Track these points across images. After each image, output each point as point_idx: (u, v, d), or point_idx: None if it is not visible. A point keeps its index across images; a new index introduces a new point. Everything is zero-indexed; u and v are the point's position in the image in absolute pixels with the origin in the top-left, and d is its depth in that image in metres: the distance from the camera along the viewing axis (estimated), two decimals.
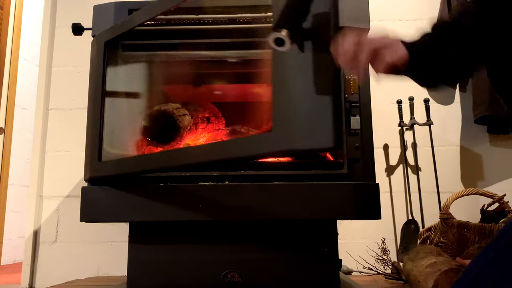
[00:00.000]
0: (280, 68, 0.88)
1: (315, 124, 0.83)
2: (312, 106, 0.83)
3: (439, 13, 1.85)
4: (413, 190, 1.74)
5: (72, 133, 1.82)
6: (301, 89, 0.85)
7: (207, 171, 1.17)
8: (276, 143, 0.86)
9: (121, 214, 1.14)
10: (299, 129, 0.84)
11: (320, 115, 0.82)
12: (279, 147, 0.85)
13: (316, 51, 0.85)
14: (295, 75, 0.86)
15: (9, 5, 2.84)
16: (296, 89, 0.85)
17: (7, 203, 2.83)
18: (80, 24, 1.37)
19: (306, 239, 1.20)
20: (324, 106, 0.83)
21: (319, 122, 0.82)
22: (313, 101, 0.83)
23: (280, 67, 0.88)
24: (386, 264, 1.57)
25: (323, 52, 0.84)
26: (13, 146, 2.88)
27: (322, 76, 0.84)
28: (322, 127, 0.82)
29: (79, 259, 1.75)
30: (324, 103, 0.83)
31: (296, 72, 0.86)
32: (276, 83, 0.88)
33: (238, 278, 1.18)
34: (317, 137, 0.82)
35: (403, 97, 1.77)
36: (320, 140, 0.82)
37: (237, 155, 0.94)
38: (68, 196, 1.79)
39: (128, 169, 1.13)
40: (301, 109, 0.84)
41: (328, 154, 1.31)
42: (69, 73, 1.89)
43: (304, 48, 0.85)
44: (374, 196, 1.13)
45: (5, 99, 2.80)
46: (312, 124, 0.83)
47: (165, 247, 1.21)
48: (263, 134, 0.90)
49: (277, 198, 1.11)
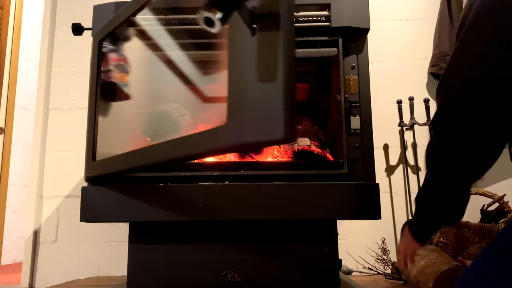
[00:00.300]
0: (234, 57, 0.82)
1: (265, 115, 0.75)
2: (262, 96, 0.76)
3: (439, 13, 1.85)
4: (413, 190, 1.74)
5: (72, 133, 1.82)
6: (252, 78, 0.78)
7: (207, 171, 1.17)
8: (229, 137, 0.80)
9: (121, 214, 1.14)
10: (250, 121, 0.77)
11: (270, 105, 0.75)
12: (232, 141, 0.80)
13: (267, 36, 0.77)
14: (247, 63, 0.79)
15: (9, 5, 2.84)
16: (247, 78, 0.79)
17: (7, 203, 2.83)
18: (80, 24, 1.37)
19: (306, 239, 1.20)
20: (274, 96, 0.75)
21: (269, 113, 0.75)
22: (263, 91, 0.76)
23: (234, 55, 0.82)
24: (386, 264, 1.57)
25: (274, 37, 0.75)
26: (13, 146, 2.88)
27: (272, 63, 0.76)
28: (272, 118, 0.75)
29: (79, 259, 1.75)
30: (275, 92, 0.75)
31: (248, 61, 0.79)
32: (231, 72, 0.82)
33: (238, 278, 1.18)
34: (267, 129, 0.75)
35: (403, 97, 1.77)
36: (270, 132, 0.75)
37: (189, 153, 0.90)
38: (68, 196, 1.79)
39: (113, 169, 1.12)
40: (252, 100, 0.78)
41: (328, 154, 1.31)
42: (69, 73, 1.89)
43: (256, 33, 0.78)
44: (374, 196, 1.13)
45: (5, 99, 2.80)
46: (263, 116, 0.76)
47: (165, 247, 1.21)
48: (217, 128, 0.83)
49: (277, 198, 1.11)
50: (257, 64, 0.78)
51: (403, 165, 1.80)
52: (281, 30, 0.76)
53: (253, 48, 0.79)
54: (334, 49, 1.24)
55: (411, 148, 1.80)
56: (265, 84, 0.76)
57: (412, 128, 1.78)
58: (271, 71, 0.76)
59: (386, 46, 1.87)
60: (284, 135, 0.73)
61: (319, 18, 1.24)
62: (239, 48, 0.82)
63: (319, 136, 1.39)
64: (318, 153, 1.29)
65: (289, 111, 0.74)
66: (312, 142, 1.33)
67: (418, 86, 1.85)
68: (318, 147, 1.32)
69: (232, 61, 0.83)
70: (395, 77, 1.86)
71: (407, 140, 1.80)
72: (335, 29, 1.22)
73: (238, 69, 0.81)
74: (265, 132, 0.75)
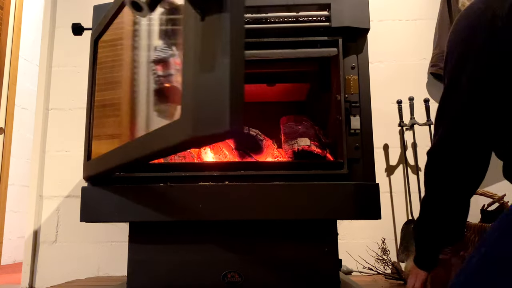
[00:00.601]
0: (185, 45, 0.78)
1: (211, 108, 0.72)
2: (209, 88, 0.72)
3: (439, 13, 1.85)
4: (413, 190, 1.74)
5: (72, 133, 1.82)
6: (200, 68, 0.74)
7: (207, 171, 1.17)
8: (182, 132, 0.77)
9: (121, 214, 1.14)
10: (198, 114, 0.73)
11: (216, 97, 0.71)
12: (184, 136, 0.76)
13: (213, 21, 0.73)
14: (196, 52, 0.75)
15: (9, 5, 2.84)
16: (196, 69, 0.75)
17: (7, 203, 2.83)
18: (80, 24, 1.37)
19: (306, 239, 1.20)
20: (219, 87, 0.71)
21: (215, 105, 0.71)
22: (210, 82, 0.72)
23: (186, 43, 0.78)
24: (386, 264, 1.57)
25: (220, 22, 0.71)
26: (13, 146, 2.88)
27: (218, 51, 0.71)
28: (217, 111, 0.71)
29: (79, 259, 1.75)
30: (220, 83, 0.71)
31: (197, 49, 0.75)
32: (184, 62, 0.79)
33: (238, 278, 1.18)
34: (213, 122, 0.71)
35: (403, 97, 1.77)
36: (216, 125, 0.71)
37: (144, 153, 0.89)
38: (68, 196, 1.79)
39: (100, 168, 1.12)
40: (200, 92, 0.74)
41: (328, 154, 1.31)
42: (69, 73, 1.89)
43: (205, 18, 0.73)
44: (374, 196, 1.13)
45: (5, 99, 2.80)
46: (209, 108, 0.72)
47: (165, 247, 1.21)
48: (172, 124, 0.81)
49: (277, 198, 1.11)
50: (203, 53, 0.73)
51: (403, 165, 1.80)
52: (227, 13, 0.71)
53: (202, 36, 0.74)
54: (334, 49, 1.24)
55: (411, 148, 1.80)
56: (211, 75, 0.72)
57: (412, 128, 1.77)
58: (217, 60, 0.71)
59: (386, 46, 1.87)
60: (229, 128, 0.69)
61: (319, 18, 1.24)
62: (189, 36, 0.77)
63: (319, 136, 1.39)
64: (318, 153, 1.29)
65: (235, 103, 0.70)
66: (312, 142, 1.33)
67: (418, 86, 1.84)
68: (318, 147, 1.32)
69: (184, 50, 0.78)
70: (395, 77, 1.86)
71: (407, 140, 1.80)
72: (335, 29, 1.23)
73: (188, 59, 0.77)
74: (211, 126, 0.71)
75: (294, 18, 1.25)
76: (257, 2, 1.26)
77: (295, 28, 1.25)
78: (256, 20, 1.25)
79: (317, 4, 1.25)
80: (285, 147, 1.36)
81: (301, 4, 1.25)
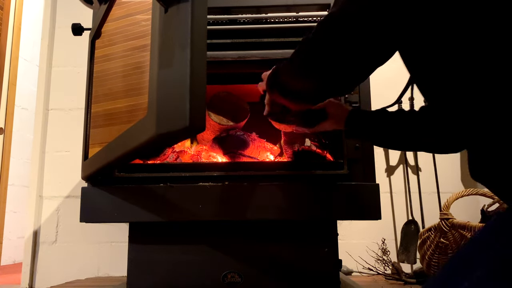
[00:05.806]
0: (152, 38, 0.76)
1: (174, 104, 0.69)
2: (171, 83, 0.70)
3: None
4: (413, 190, 1.74)
5: (72, 133, 1.82)
6: (163, 63, 0.72)
7: (207, 171, 1.17)
8: (148, 130, 0.76)
9: (121, 215, 1.14)
10: (161, 111, 0.72)
11: (177, 91, 0.69)
12: (149, 134, 0.75)
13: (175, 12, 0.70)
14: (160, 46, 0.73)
15: (9, 5, 2.84)
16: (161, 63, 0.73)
17: (7, 203, 2.83)
18: (80, 24, 1.37)
19: (306, 239, 1.20)
20: (180, 82, 0.68)
21: (177, 101, 0.69)
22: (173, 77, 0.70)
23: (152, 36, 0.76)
24: (386, 264, 1.57)
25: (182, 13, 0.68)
26: (13, 146, 2.88)
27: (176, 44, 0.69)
28: (178, 107, 0.68)
29: (79, 259, 1.75)
30: (180, 78, 0.68)
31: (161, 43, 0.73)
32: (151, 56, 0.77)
33: (238, 278, 1.18)
34: (175, 118, 0.69)
35: (403, 97, 1.77)
36: (177, 121, 0.68)
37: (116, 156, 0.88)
38: (68, 196, 1.79)
39: (92, 168, 1.12)
40: (163, 87, 0.72)
41: (328, 154, 1.31)
42: (69, 73, 1.88)
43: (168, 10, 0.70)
44: (374, 196, 1.13)
45: (5, 99, 2.80)
46: (172, 104, 0.70)
47: (165, 247, 1.21)
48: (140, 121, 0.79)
49: (277, 198, 1.11)
50: (165, 47, 0.71)
51: (403, 165, 1.80)
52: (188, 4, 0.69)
53: (164, 29, 0.72)
54: None
55: None
56: (172, 69, 0.70)
57: None
58: (177, 54, 0.69)
59: None
60: (189, 124, 0.67)
61: (319, 18, 1.24)
62: (154, 29, 0.75)
63: (319, 136, 1.39)
64: (318, 153, 1.29)
65: (196, 98, 0.68)
66: (312, 142, 1.33)
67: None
68: (318, 147, 1.31)
69: (151, 44, 0.76)
70: (395, 77, 1.86)
71: None
72: None
73: (153, 54, 0.75)
74: (173, 122, 0.69)
75: (294, 18, 1.25)
76: (257, 2, 1.26)
77: (295, 28, 1.25)
78: (256, 20, 1.25)
79: (317, 4, 1.25)
80: (285, 147, 1.36)
81: (301, 4, 1.25)
